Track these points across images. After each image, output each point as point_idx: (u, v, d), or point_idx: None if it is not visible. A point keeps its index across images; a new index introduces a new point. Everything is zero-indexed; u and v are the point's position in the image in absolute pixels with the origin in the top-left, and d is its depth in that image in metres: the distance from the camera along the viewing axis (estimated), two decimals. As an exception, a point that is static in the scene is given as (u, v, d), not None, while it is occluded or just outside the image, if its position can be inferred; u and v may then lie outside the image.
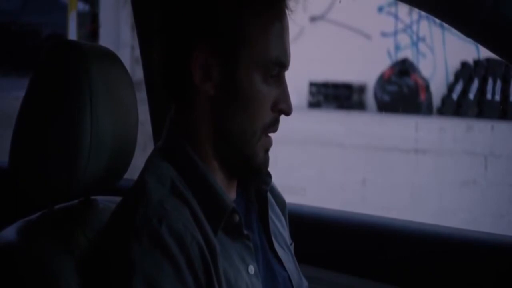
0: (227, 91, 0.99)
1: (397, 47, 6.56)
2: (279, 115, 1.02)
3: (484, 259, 1.41)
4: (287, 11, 1.02)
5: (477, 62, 6.23)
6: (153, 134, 1.61)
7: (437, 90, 6.27)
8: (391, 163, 5.14)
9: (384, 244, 1.48)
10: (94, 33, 8.14)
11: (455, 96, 6.21)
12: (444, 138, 5.41)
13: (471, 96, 6.13)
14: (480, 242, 1.45)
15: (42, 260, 0.96)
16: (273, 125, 1.02)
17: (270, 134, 1.03)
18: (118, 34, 7.19)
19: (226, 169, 1.02)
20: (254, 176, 1.06)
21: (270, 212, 1.10)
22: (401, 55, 6.49)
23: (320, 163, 5.13)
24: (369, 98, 6.50)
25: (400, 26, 6.58)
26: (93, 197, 1.11)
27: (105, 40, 7.72)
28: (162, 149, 1.03)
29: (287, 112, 1.02)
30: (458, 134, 5.36)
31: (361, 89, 6.57)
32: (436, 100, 6.26)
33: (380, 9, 6.58)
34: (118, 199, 1.11)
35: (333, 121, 5.85)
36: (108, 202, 1.12)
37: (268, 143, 1.03)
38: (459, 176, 4.89)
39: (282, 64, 1.01)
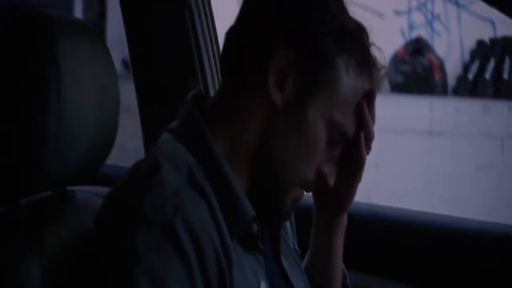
0: (292, 114, 0.89)
1: (411, 26, 6.43)
2: (318, 178, 0.93)
3: (498, 251, 1.33)
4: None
5: (493, 41, 6.10)
6: (142, 127, 1.51)
7: (452, 69, 6.15)
8: (404, 145, 5.04)
9: (395, 238, 1.38)
10: (101, 16, 8.04)
11: (470, 76, 6.09)
12: (460, 119, 5.29)
13: (487, 75, 6.00)
14: (492, 233, 1.36)
15: (3, 266, 0.85)
16: (311, 185, 0.94)
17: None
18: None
19: (252, 189, 0.92)
20: (273, 220, 0.96)
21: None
22: (415, 34, 6.36)
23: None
24: (382, 78, 6.38)
25: (414, 4, 6.44)
26: (70, 188, 1.00)
27: (112, 23, 7.62)
28: (177, 130, 0.92)
29: (328, 181, 0.96)
30: (474, 115, 5.24)
31: (374, 69, 6.44)
32: (451, 80, 6.14)
33: (393, -14, 6.43)
34: (99, 189, 1.00)
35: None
36: (87, 192, 1.00)
37: (299, 196, 0.94)
38: (475, 159, 4.77)
39: (345, 136, 0.93)
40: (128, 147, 2.09)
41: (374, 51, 0.97)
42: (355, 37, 0.94)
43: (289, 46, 0.88)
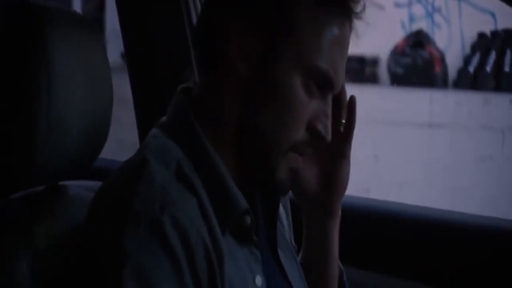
0: (263, 80, 0.86)
1: (412, 18, 6.40)
2: (313, 136, 0.89)
3: (492, 244, 1.32)
4: (348, 25, 0.89)
5: (494, 33, 6.07)
6: (137, 121, 1.50)
7: (453, 62, 6.13)
8: (405, 138, 5.02)
9: (389, 232, 1.37)
10: (101, 8, 8.00)
11: (471, 68, 6.06)
12: (460, 112, 5.27)
13: (488, 68, 5.98)
14: (486, 227, 1.35)
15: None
16: (304, 146, 0.89)
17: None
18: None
19: (243, 168, 0.89)
20: (270, 192, 0.93)
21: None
22: (415, 26, 6.34)
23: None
24: (382, 71, 6.36)
25: (415, -4, 6.42)
26: (62, 183, 0.98)
27: (111, 15, 7.59)
28: (166, 125, 0.90)
29: (323, 136, 0.88)
30: (475, 108, 5.22)
31: (374, 61, 6.42)
32: (452, 73, 6.12)
33: (394, -22, 6.40)
34: (91, 183, 0.99)
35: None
36: (79, 187, 0.99)
37: (294, 162, 0.90)
38: (475, 152, 4.76)
39: (329, 79, 0.87)
40: (125, 140, 2.08)
41: None
42: None
43: (244, 14, 0.86)
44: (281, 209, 1.05)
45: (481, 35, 6.14)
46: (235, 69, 0.86)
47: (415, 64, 6.09)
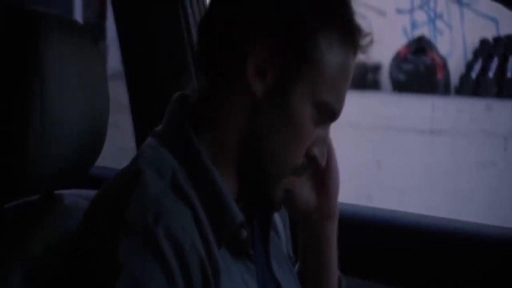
0: (276, 105, 0.86)
1: (414, 25, 6.40)
2: (308, 159, 0.90)
3: (489, 253, 1.30)
4: (355, 58, 0.90)
5: (496, 40, 6.07)
6: (133, 126, 1.48)
7: (455, 68, 6.12)
8: (407, 144, 5.01)
9: (387, 240, 1.36)
10: (102, 15, 8.00)
11: (473, 74, 6.05)
12: (462, 118, 5.26)
13: (491, 74, 5.97)
14: (486, 236, 1.34)
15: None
16: (300, 169, 0.90)
17: None
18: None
19: (242, 184, 0.89)
20: (266, 208, 0.94)
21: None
22: (417, 32, 6.33)
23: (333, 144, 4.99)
24: (384, 77, 6.35)
25: (417, 2, 6.41)
26: (58, 192, 0.96)
27: (113, 22, 7.59)
28: (161, 134, 0.89)
29: (319, 161, 0.90)
30: (477, 114, 5.21)
31: (376, 68, 6.42)
32: (454, 79, 6.11)
33: (396, -15, 6.40)
34: (88, 192, 0.97)
35: (347, 101, 5.69)
36: (75, 196, 0.97)
37: (292, 183, 0.92)
38: (477, 159, 4.74)
39: (334, 112, 0.89)
40: (127, 147, 2.06)
41: (358, 18, 0.90)
42: (337, 9, 0.88)
43: (269, 34, 0.84)
44: (278, 220, 1.03)
45: (483, 41, 6.13)
46: (250, 87, 0.85)
47: (417, 71, 6.09)
